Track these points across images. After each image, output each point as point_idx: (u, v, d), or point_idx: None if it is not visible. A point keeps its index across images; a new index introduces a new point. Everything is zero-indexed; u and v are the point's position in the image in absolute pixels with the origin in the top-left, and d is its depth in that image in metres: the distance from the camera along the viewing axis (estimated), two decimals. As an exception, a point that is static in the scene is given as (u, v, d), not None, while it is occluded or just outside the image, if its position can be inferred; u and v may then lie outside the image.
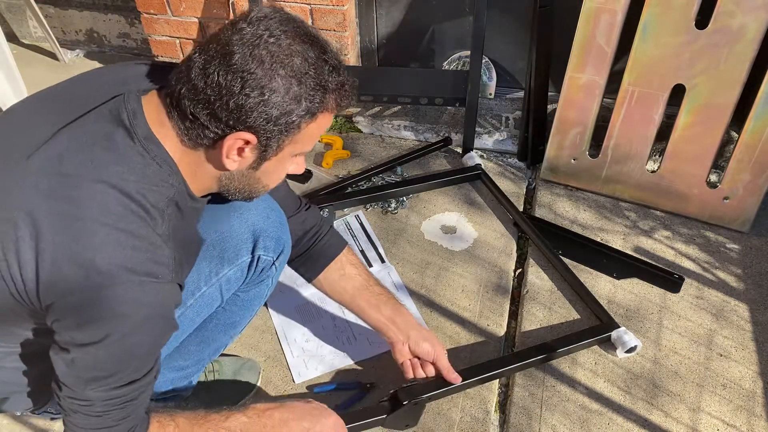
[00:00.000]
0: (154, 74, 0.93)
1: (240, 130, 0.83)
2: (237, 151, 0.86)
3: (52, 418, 1.11)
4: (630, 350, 1.42)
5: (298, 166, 0.97)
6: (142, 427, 0.92)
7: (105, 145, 0.82)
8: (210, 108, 0.81)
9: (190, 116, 0.83)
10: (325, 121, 0.90)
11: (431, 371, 1.29)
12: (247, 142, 0.84)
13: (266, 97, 0.81)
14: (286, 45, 0.82)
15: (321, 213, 1.73)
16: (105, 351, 0.82)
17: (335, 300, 1.32)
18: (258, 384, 1.40)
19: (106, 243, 0.79)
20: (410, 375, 1.28)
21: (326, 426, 1.09)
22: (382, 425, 1.27)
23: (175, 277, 0.86)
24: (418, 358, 1.29)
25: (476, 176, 1.96)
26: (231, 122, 0.82)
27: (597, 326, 1.49)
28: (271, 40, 0.81)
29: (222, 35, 0.82)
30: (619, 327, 1.45)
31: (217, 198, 1.03)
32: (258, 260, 1.14)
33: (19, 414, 1.09)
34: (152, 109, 0.87)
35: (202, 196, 0.96)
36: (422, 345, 1.27)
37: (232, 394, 1.36)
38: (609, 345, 1.46)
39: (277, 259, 1.17)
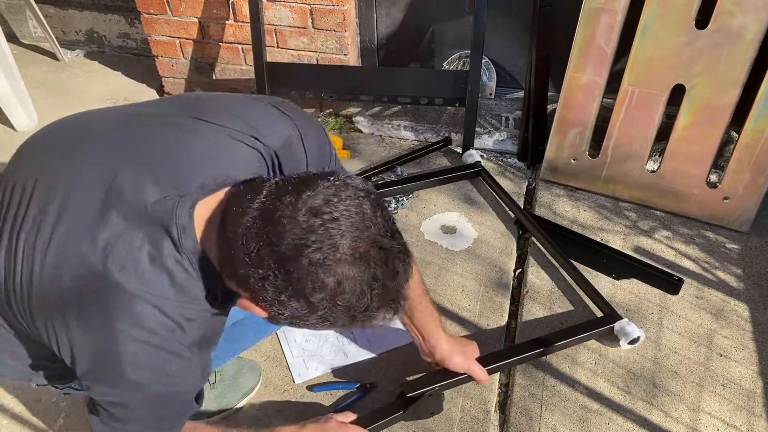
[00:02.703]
0: (223, 155, 0.89)
1: (253, 302, 0.80)
2: (248, 309, 0.84)
3: (66, 393, 1.13)
4: (633, 341, 1.42)
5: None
6: None
7: (152, 255, 0.81)
8: (237, 266, 0.78)
9: (225, 256, 0.81)
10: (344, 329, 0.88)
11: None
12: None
13: (282, 299, 0.76)
14: (330, 260, 0.73)
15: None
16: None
17: None
18: (258, 385, 1.40)
19: (136, 358, 0.82)
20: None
21: None
22: (403, 420, 1.29)
23: (202, 379, 0.91)
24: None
25: (476, 173, 1.96)
26: (247, 292, 0.79)
27: (599, 318, 1.49)
28: (315, 254, 0.72)
29: (286, 203, 0.75)
30: (621, 318, 1.45)
31: None
32: None
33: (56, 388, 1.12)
34: (204, 221, 0.84)
35: None
36: (452, 361, 1.26)
37: (233, 394, 1.36)
38: (612, 338, 1.46)
39: None
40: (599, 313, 1.52)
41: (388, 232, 0.78)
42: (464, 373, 1.29)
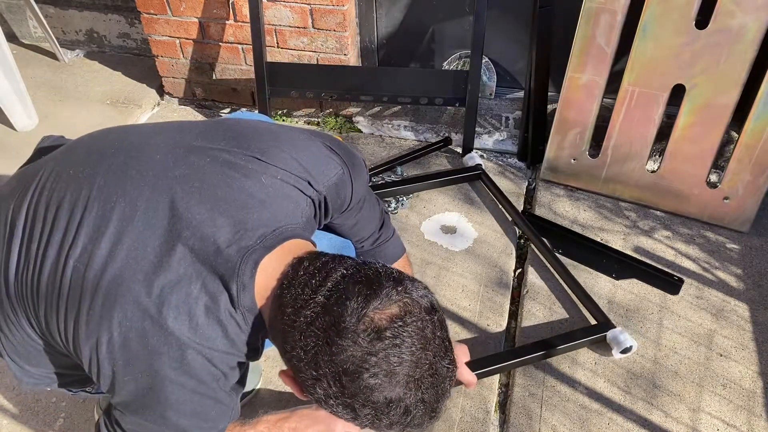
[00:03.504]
0: (291, 209, 0.91)
1: (297, 386, 0.84)
2: (288, 383, 0.87)
3: (73, 393, 1.13)
4: (625, 350, 1.42)
5: None
6: None
7: (208, 307, 0.81)
8: (289, 353, 0.81)
9: (278, 326, 0.83)
10: None
11: None
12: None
13: (329, 403, 0.79)
14: (385, 385, 0.75)
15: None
16: None
17: None
18: (259, 385, 1.40)
19: (181, 404, 0.82)
20: None
21: (338, 428, 1.09)
22: None
23: (233, 419, 0.92)
24: None
25: (476, 176, 1.96)
26: (295, 376, 0.83)
27: (592, 326, 1.49)
28: (371, 380, 0.75)
29: (350, 309, 0.76)
30: (614, 327, 1.45)
31: None
32: None
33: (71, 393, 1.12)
34: (265, 279, 0.84)
35: None
36: None
37: None
38: (605, 346, 1.46)
39: None
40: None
41: (443, 355, 0.80)
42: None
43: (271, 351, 1.48)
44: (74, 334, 0.84)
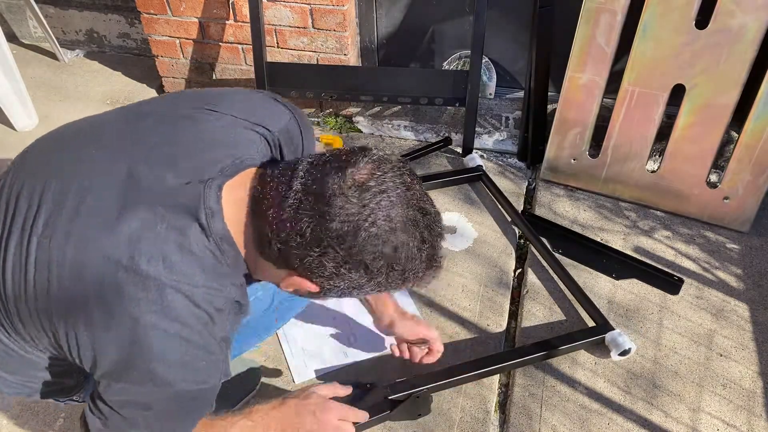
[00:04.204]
0: (240, 140, 0.91)
1: (305, 278, 0.83)
2: (294, 287, 0.86)
3: (66, 403, 1.12)
4: (624, 353, 1.42)
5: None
6: None
7: (179, 242, 0.80)
8: (285, 246, 0.80)
9: (266, 237, 0.82)
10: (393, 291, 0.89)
11: (417, 355, 1.31)
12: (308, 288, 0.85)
13: (342, 272, 0.80)
14: (385, 235, 0.78)
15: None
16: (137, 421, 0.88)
17: None
18: (258, 386, 1.40)
19: (165, 352, 0.80)
20: (397, 354, 1.32)
21: (330, 414, 1.10)
22: (390, 420, 1.29)
23: (223, 377, 0.89)
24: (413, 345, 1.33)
25: (477, 177, 1.96)
26: (300, 270, 0.82)
27: (591, 328, 1.49)
28: (373, 230, 0.77)
29: (329, 181, 0.78)
30: (613, 329, 1.45)
31: None
32: None
33: (57, 402, 1.12)
34: (233, 204, 0.84)
35: None
36: (403, 323, 1.30)
37: (233, 394, 1.36)
38: (604, 348, 1.45)
39: None
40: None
41: (425, 197, 0.84)
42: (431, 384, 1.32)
43: (271, 351, 1.48)
44: (47, 313, 0.81)
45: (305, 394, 1.12)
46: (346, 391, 1.19)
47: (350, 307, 1.56)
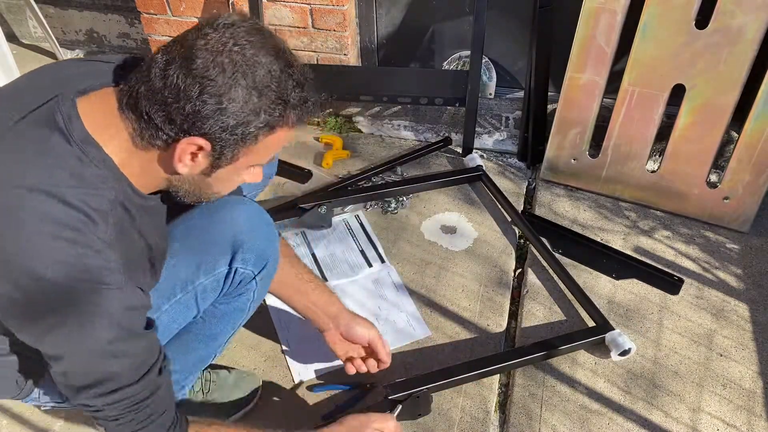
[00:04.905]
0: (96, 73, 0.90)
1: (195, 135, 0.81)
2: (190, 156, 0.84)
3: (53, 406, 1.11)
4: (624, 353, 1.42)
5: (254, 176, 0.94)
6: (180, 428, 0.93)
7: (39, 149, 0.79)
8: (166, 110, 0.80)
9: (145, 116, 0.81)
10: (284, 135, 0.88)
11: (373, 366, 1.30)
12: (201, 148, 0.83)
13: (224, 105, 0.79)
14: (250, 55, 0.80)
15: (318, 210, 1.74)
16: (78, 360, 0.84)
17: None
18: (257, 397, 1.38)
19: (49, 254, 0.77)
20: (352, 371, 1.29)
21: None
22: None
23: (126, 280, 0.83)
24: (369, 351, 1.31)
25: (477, 177, 1.96)
26: (186, 126, 0.80)
27: (591, 328, 1.48)
28: (236, 48, 0.80)
29: (187, 38, 0.81)
30: (613, 329, 1.45)
31: (203, 205, 1.02)
32: (235, 273, 1.11)
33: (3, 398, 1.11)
34: (94, 110, 0.84)
35: (152, 194, 0.93)
36: (354, 329, 1.27)
37: (230, 406, 1.34)
38: (604, 348, 1.45)
39: (258, 273, 1.14)
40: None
41: (287, 48, 0.86)
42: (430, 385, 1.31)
43: (271, 351, 1.48)
44: None
45: (366, 414, 1.15)
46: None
47: (350, 306, 1.56)
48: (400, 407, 1.28)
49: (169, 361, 0.95)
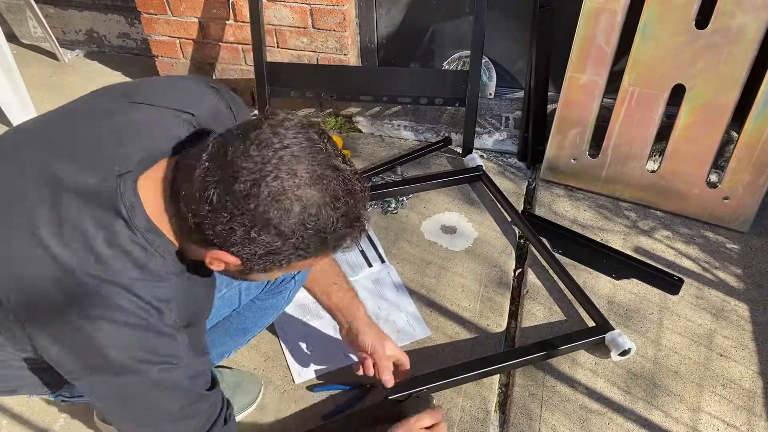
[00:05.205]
0: (151, 130, 0.89)
1: (224, 251, 0.80)
2: (222, 264, 0.83)
3: (63, 400, 1.12)
4: (624, 353, 1.42)
5: (289, 272, 0.94)
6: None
7: (107, 238, 0.79)
8: (200, 219, 0.78)
9: (182, 215, 0.80)
10: (318, 260, 0.85)
11: (369, 370, 1.27)
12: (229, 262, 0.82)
13: (253, 236, 0.76)
14: (290, 186, 0.74)
15: None
16: (148, 429, 0.88)
17: None
18: (258, 399, 1.38)
19: (119, 339, 0.79)
20: (358, 373, 1.28)
21: None
22: None
23: (192, 353, 0.87)
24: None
25: (477, 177, 1.96)
26: (216, 242, 0.79)
27: (591, 328, 1.48)
28: (275, 183, 0.74)
29: (234, 144, 0.76)
30: (613, 329, 1.45)
31: None
32: None
33: (29, 397, 1.12)
34: (151, 195, 0.83)
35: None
36: (360, 337, 1.26)
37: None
38: (604, 348, 1.45)
39: (298, 272, 1.16)
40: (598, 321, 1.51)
41: (338, 155, 0.79)
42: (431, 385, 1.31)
43: (271, 351, 1.48)
44: (16, 320, 0.81)
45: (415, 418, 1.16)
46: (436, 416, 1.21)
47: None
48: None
49: (232, 408, 0.98)
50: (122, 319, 0.79)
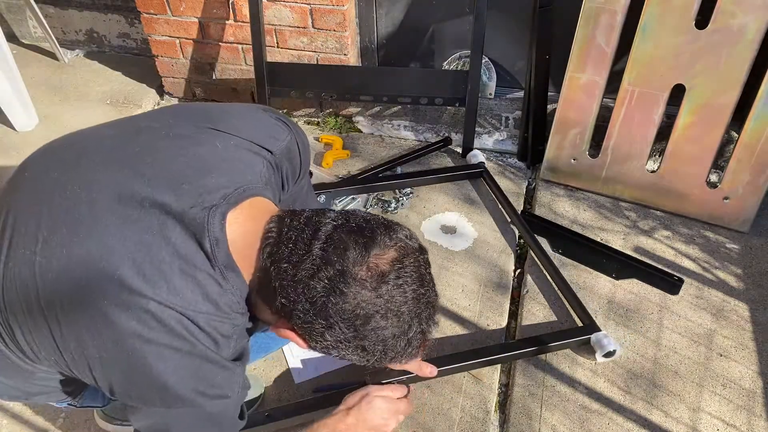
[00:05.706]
0: (249, 170, 0.91)
1: (299, 337, 0.85)
2: (285, 336, 0.88)
3: (68, 405, 1.13)
4: (608, 354, 1.41)
5: None
6: None
7: (183, 269, 0.80)
8: (291, 305, 0.82)
9: (272, 287, 0.83)
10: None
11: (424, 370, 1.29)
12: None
13: (338, 346, 0.83)
14: (392, 325, 0.82)
15: (317, 199, 1.76)
16: None
17: None
18: (261, 398, 1.38)
19: (178, 369, 0.80)
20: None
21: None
22: None
23: (243, 389, 0.90)
24: None
25: (479, 174, 1.96)
26: (296, 328, 0.84)
27: (578, 328, 1.48)
28: (382, 322, 0.81)
29: (352, 257, 0.80)
30: (599, 330, 1.45)
31: None
32: None
33: (56, 405, 1.14)
34: (240, 236, 0.84)
35: None
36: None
37: None
38: (590, 349, 1.45)
39: None
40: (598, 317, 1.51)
41: (434, 288, 0.89)
42: (412, 373, 1.31)
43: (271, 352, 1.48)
44: (57, 332, 0.80)
45: (359, 396, 1.17)
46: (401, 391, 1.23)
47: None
48: None
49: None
50: (187, 349, 0.80)
